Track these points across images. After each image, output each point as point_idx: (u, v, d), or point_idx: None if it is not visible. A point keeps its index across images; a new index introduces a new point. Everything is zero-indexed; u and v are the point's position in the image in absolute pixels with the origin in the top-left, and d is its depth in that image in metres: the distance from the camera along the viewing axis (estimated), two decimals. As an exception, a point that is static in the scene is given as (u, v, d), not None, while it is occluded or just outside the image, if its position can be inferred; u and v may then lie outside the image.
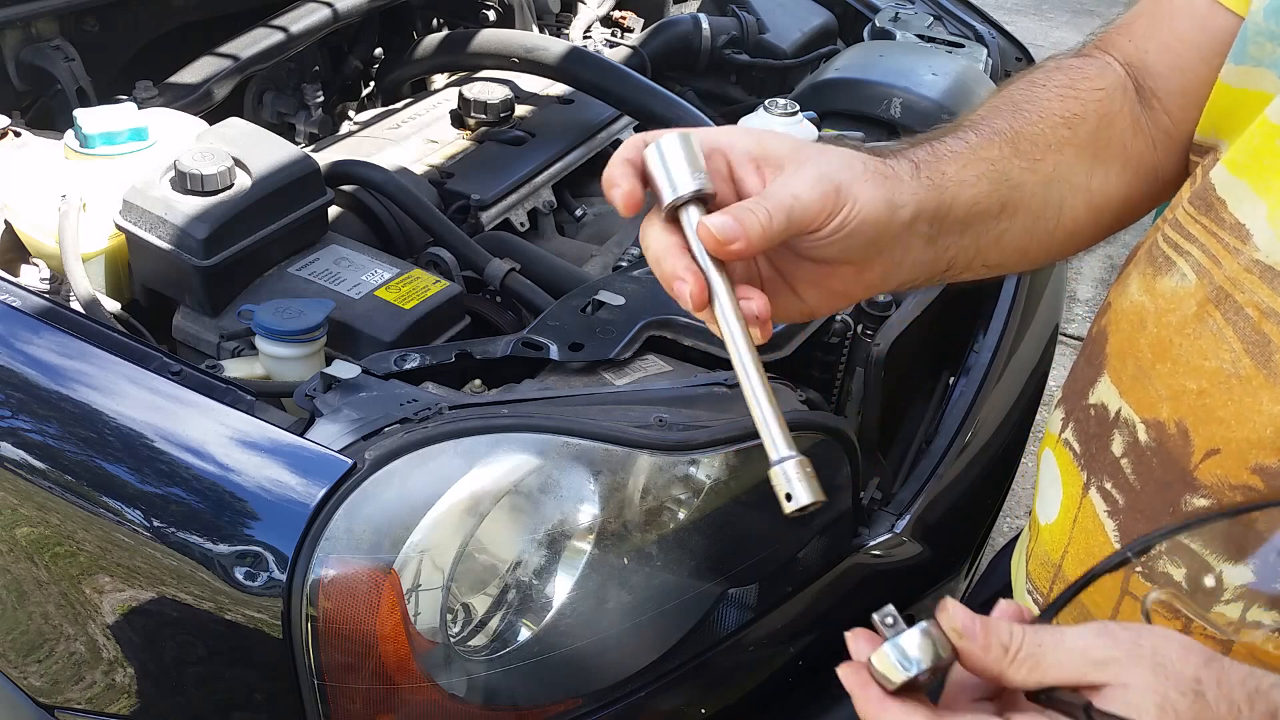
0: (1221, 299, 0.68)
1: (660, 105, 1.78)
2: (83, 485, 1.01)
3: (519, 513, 1.01)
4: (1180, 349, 0.70)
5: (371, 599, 0.93)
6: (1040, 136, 0.78)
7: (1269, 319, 0.65)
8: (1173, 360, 0.71)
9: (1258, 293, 0.66)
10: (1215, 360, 0.68)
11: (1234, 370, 0.67)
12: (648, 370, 1.16)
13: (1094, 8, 6.13)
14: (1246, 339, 0.66)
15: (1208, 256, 0.70)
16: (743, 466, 1.08)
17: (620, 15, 2.41)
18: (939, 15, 2.12)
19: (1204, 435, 0.69)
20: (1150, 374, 0.72)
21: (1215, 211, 0.70)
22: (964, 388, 1.52)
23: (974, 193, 0.74)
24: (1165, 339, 0.71)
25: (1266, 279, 0.65)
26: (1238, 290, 0.67)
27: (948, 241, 0.74)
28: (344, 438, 0.97)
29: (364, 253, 1.41)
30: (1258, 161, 0.68)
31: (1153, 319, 0.73)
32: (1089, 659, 0.53)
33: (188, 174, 1.30)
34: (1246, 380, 0.66)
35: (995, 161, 0.75)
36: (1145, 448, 0.72)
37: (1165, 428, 0.71)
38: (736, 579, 1.14)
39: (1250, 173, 0.68)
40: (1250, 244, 0.67)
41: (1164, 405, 0.71)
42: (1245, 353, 0.66)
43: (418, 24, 2.26)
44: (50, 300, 1.13)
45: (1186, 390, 0.69)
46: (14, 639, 1.13)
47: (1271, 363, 0.65)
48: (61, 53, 1.65)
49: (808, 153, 0.68)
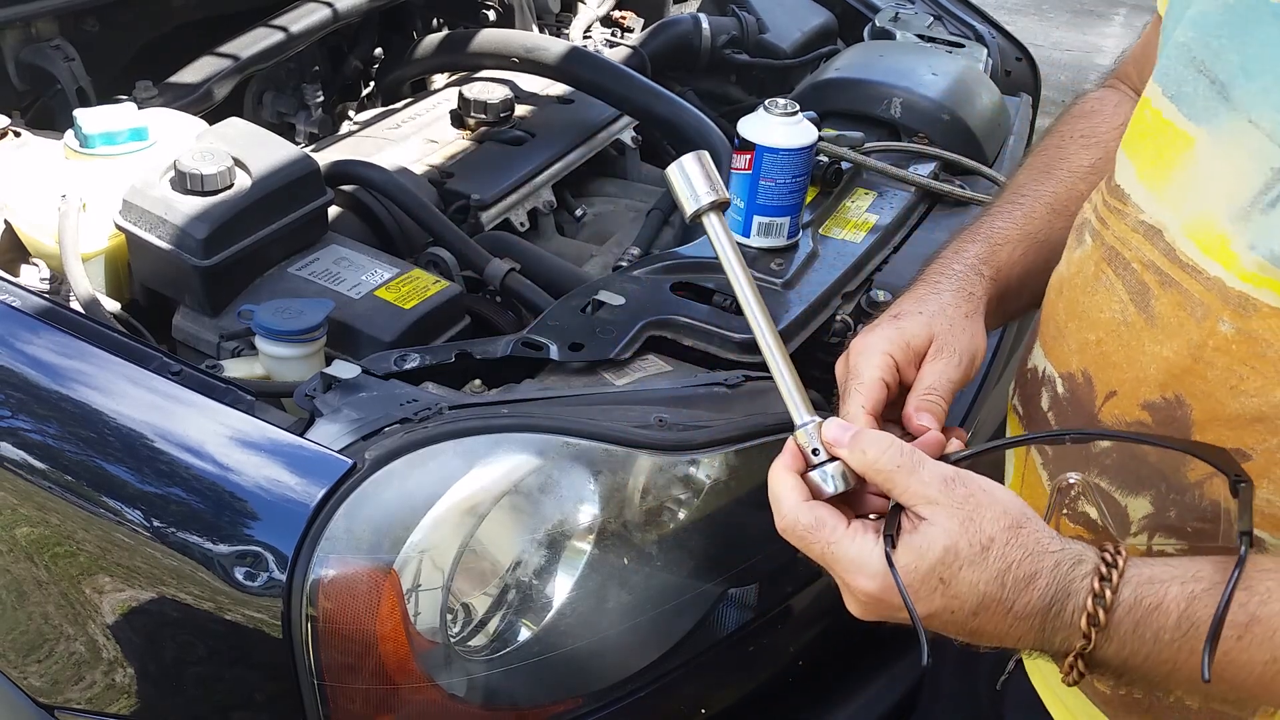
0: (1112, 257, 0.78)
1: (660, 105, 1.78)
2: (83, 485, 1.01)
3: (519, 513, 1.01)
4: (1084, 306, 0.80)
5: (371, 599, 0.93)
6: (1071, 191, 0.93)
7: (1148, 270, 0.74)
8: (1079, 317, 0.80)
9: (1140, 248, 0.75)
10: (1109, 312, 0.77)
11: (1124, 319, 0.76)
12: (648, 370, 1.16)
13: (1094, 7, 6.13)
14: (1132, 290, 0.75)
15: (1099, 220, 0.81)
16: (743, 466, 1.08)
17: (620, 15, 2.41)
18: (939, 15, 2.12)
19: (1103, 380, 0.78)
20: (1064, 332, 0.82)
21: (1110, 179, 0.81)
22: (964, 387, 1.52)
23: (1025, 266, 0.91)
24: (1074, 299, 0.82)
25: (1146, 234, 0.74)
26: (1125, 247, 0.76)
27: (1008, 304, 0.92)
28: (344, 438, 0.97)
29: (364, 253, 1.41)
30: (1135, 132, 0.78)
31: (1066, 284, 0.84)
32: (923, 495, 0.68)
33: (188, 174, 1.30)
34: (1133, 326, 0.75)
35: (1038, 234, 0.92)
36: (1063, 399, 0.82)
37: (1075, 378, 0.80)
38: (736, 579, 1.14)
39: (1129, 142, 0.79)
40: (1130, 204, 0.76)
41: (1074, 358, 0.81)
42: (1131, 302, 0.75)
43: (418, 24, 2.26)
44: (50, 300, 1.13)
45: (1089, 342, 0.79)
46: (14, 639, 1.13)
47: (1150, 309, 0.74)
48: (61, 53, 1.65)
49: (937, 328, 0.84)
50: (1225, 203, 0.69)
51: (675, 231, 1.67)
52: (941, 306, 0.86)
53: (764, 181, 1.32)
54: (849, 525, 0.70)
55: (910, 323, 0.85)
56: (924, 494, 0.68)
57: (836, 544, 0.69)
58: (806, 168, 1.34)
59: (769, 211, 1.33)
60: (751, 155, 1.31)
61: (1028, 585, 0.66)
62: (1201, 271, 0.70)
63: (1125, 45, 2.98)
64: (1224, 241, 0.69)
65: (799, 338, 1.26)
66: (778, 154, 1.31)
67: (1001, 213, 0.94)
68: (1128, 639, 0.66)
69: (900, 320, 0.86)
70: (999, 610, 0.66)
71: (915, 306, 0.87)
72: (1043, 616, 0.66)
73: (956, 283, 0.88)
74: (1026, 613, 0.66)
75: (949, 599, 0.66)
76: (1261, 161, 0.66)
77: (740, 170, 1.33)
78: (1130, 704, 0.83)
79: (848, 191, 1.53)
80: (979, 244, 0.91)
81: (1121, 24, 5.95)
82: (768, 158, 1.31)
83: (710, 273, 1.29)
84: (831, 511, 0.71)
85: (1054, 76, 4.73)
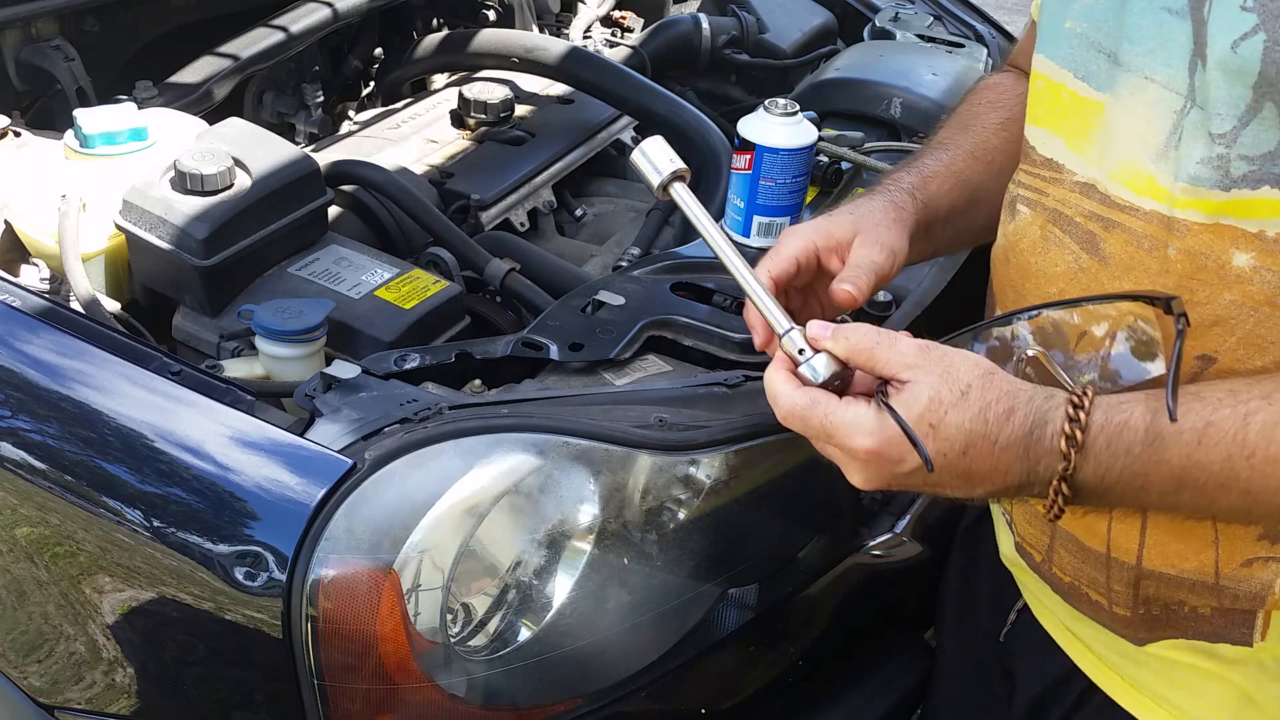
0: (1056, 218, 0.87)
1: (660, 105, 1.78)
2: (83, 485, 1.01)
3: (519, 513, 1.01)
4: (1037, 265, 0.89)
5: (371, 599, 0.93)
6: (986, 142, 1.05)
7: (1091, 220, 0.84)
8: (1034, 276, 0.89)
9: (1080, 204, 0.85)
10: (1063, 264, 0.86)
11: (1079, 266, 0.85)
12: (648, 370, 1.16)
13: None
14: (1080, 240, 0.85)
15: (1034, 192, 0.90)
16: (743, 466, 1.09)
17: (620, 15, 2.41)
18: (939, 15, 2.12)
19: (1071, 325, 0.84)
20: (1023, 293, 0.90)
21: (1029, 156, 0.91)
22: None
23: (950, 200, 1.02)
24: (1023, 263, 0.90)
25: (1085, 193, 0.84)
26: (1065, 207, 0.86)
27: (935, 234, 1.02)
28: (344, 438, 0.97)
29: (364, 253, 1.41)
30: (1048, 110, 0.88)
31: (1012, 252, 0.92)
32: (903, 362, 0.76)
33: (188, 174, 1.30)
34: (1088, 270, 0.84)
35: (961, 173, 1.03)
36: None
37: (1045, 330, 0.85)
38: (736, 579, 1.14)
39: (1045, 120, 0.89)
40: (1064, 172, 0.86)
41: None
42: (1083, 251, 0.84)
43: (418, 24, 2.26)
44: (50, 300, 1.13)
45: (1050, 294, 0.87)
46: (14, 639, 1.13)
47: (1101, 251, 0.83)
48: (61, 53, 1.65)
49: (863, 225, 0.95)
50: (1143, 148, 0.79)
51: (675, 231, 1.67)
52: (870, 210, 0.97)
53: (764, 181, 1.32)
54: (841, 399, 0.79)
55: (837, 218, 0.96)
56: (903, 361, 0.76)
57: (833, 413, 0.78)
58: (806, 168, 1.34)
59: (769, 211, 1.34)
60: (751, 155, 1.31)
61: (1007, 418, 0.74)
62: (1139, 210, 0.80)
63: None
64: (1152, 180, 0.79)
65: (799, 338, 1.26)
66: (778, 154, 1.31)
67: (929, 155, 1.05)
68: (1102, 455, 0.73)
69: (828, 216, 0.97)
70: (985, 444, 0.74)
71: (845, 208, 0.98)
72: (1024, 444, 0.74)
73: (888, 197, 0.99)
74: (1010, 441, 0.74)
75: (939, 442, 0.74)
76: (1164, 108, 0.77)
77: (740, 170, 1.33)
78: (1150, 620, 0.88)
79: (848, 191, 1.53)
80: (911, 175, 1.02)
81: (1121, 24, 5.93)
82: (768, 158, 1.31)
83: (710, 273, 1.29)
84: (824, 392, 0.80)
85: (1054, 76, 4.71)
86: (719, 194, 1.64)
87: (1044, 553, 0.96)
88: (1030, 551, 0.98)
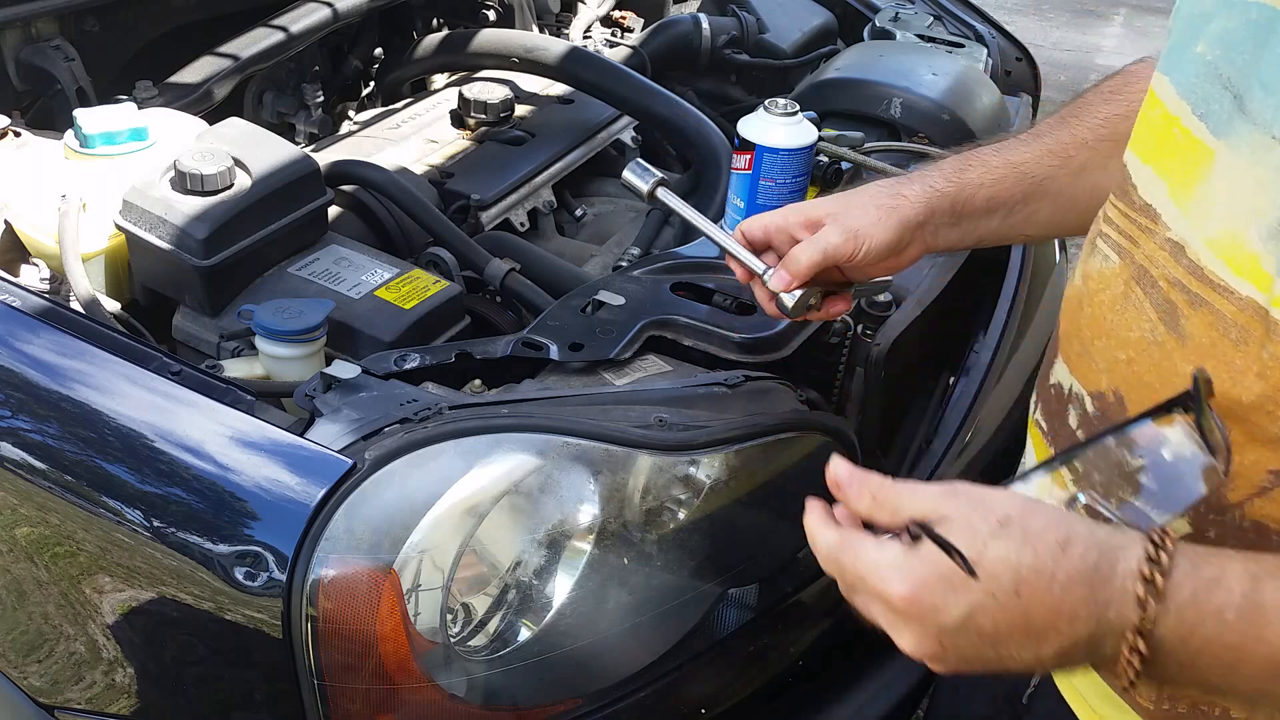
0: (1141, 275, 0.76)
1: (660, 105, 1.78)
2: (83, 485, 1.01)
3: (519, 513, 1.01)
4: (1112, 324, 0.78)
5: (371, 599, 0.93)
6: (1076, 137, 0.97)
7: (1175, 289, 0.72)
8: (1106, 335, 0.79)
9: (1167, 266, 0.73)
10: (1139, 331, 0.75)
11: (1154, 338, 0.74)
12: (648, 370, 1.16)
13: (1094, 7, 6.13)
14: (1160, 309, 0.74)
15: (1126, 238, 0.78)
16: (743, 466, 1.09)
17: (620, 15, 2.41)
18: (939, 15, 2.12)
19: (1135, 400, 0.76)
20: (1091, 350, 0.81)
21: (1129, 196, 0.79)
22: (964, 388, 1.52)
23: (992, 190, 0.97)
24: (1099, 317, 0.80)
25: (1174, 254, 0.73)
26: (1153, 266, 0.75)
27: (973, 224, 0.98)
28: (344, 438, 0.97)
29: (364, 253, 1.41)
30: (1159, 146, 0.76)
31: (1088, 300, 0.82)
32: (931, 505, 0.66)
33: (188, 174, 1.30)
34: (1163, 346, 0.73)
35: (1020, 164, 0.97)
36: (1093, 417, 0.80)
37: (1106, 397, 0.78)
38: (736, 579, 1.14)
39: (1153, 157, 0.77)
40: (1160, 223, 0.74)
41: (1103, 377, 0.79)
42: (1160, 321, 0.74)
43: (418, 24, 2.26)
44: (50, 300, 1.13)
45: (1119, 361, 0.77)
46: (14, 639, 1.13)
47: (1180, 329, 0.72)
48: (61, 53, 1.65)
49: (839, 208, 0.96)
50: (1252, 221, 0.66)
51: (675, 231, 1.67)
52: (859, 195, 0.98)
53: (764, 181, 1.32)
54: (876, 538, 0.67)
55: (823, 200, 1.00)
56: (929, 502, 0.66)
57: (864, 552, 0.66)
58: (806, 168, 1.34)
59: (769, 211, 1.34)
60: (751, 155, 1.31)
61: (1063, 549, 0.62)
62: (1233, 292, 0.68)
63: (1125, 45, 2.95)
64: (1255, 262, 0.66)
65: (799, 338, 1.26)
66: (778, 154, 1.31)
67: (995, 141, 1.01)
68: (1187, 612, 0.60)
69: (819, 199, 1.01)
70: (1040, 580, 0.61)
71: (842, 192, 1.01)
72: (1090, 581, 0.61)
73: (890, 185, 0.99)
74: (1071, 577, 0.61)
75: (985, 581, 0.62)
76: None
77: (740, 170, 1.33)
78: (1173, 718, 0.78)
79: (848, 191, 1.53)
80: (951, 162, 1.00)
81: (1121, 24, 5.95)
82: (768, 158, 1.31)
83: (710, 273, 1.29)
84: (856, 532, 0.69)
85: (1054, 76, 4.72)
86: (719, 194, 1.64)
87: None
88: None
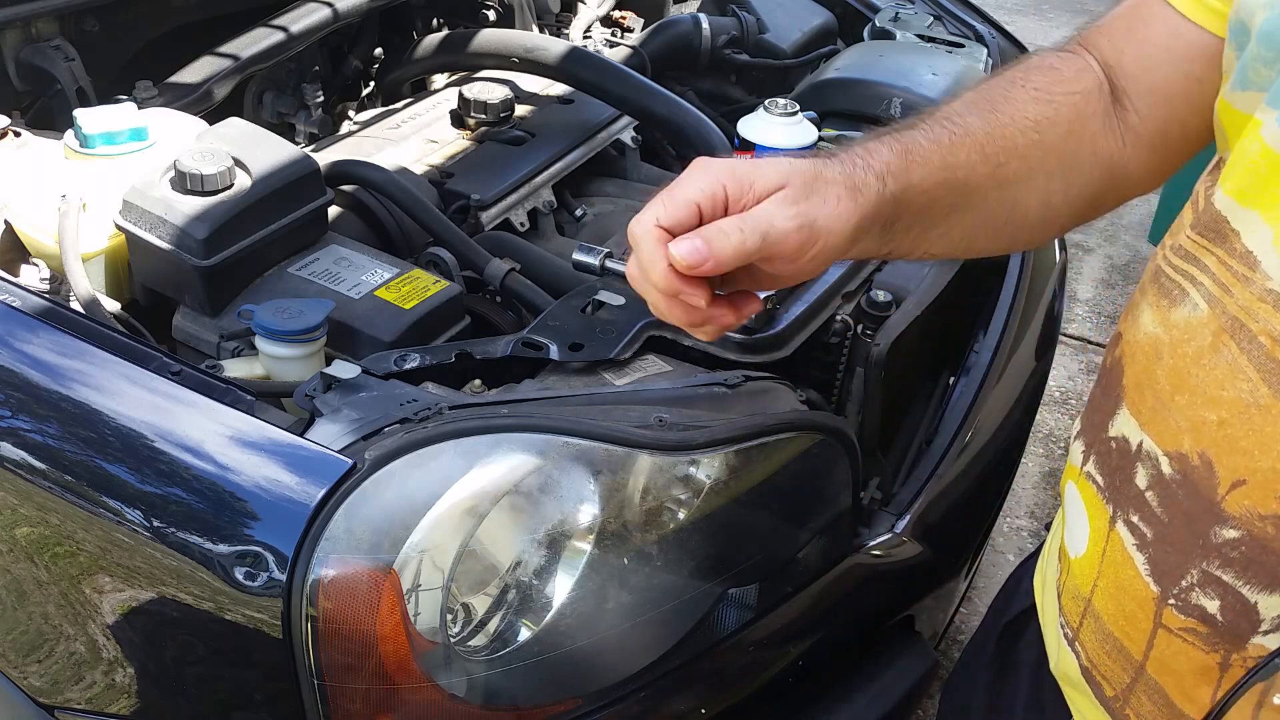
0: (1236, 328, 0.68)
1: (660, 105, 1.78)
2: (83, 485, 1.01)
3: (519, 513, 1.01)
4: (1198, 380, 0.70)
5: (371, 599, 0.93)
6: (1007, 140, 0.83)
7: None
8: (1191, 391, 0.71)
9: (1270, 321, 0.65)
10: (1233, 390, 0.68)
11: (1253, 400, 0.67)
12: (648, 370, 1.16)
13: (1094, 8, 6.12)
14: (1262, 368, 0.66)
15: (1218, 286, 0.70)
16: (743, 466, 1.08)
17: (620, 15, 2.41)
18: (939, 15, 2.12)
19: (1228, 466, 0.68)
20: (1169, 405, 0.72)
21: (1228, 241, 0.70)
22: (964, 388, 1.52)
23: (929, 198, 0.82)
24: (1182, 370, 0.71)
25: (1276, 305, 0.65)
26: (1251, 319, 0.67)
27: (895, 236, 0.82)
28: (344, 438, 0.97)
29: (364, 253, 1.41)
30: (1265, 189, 0.68)
31: (1168, 350, 0.73)
32: None
33: (188, 174, 1.30)
34: (1266, 409, 0.66)
35: (958, 169, 0.82)
36: (1170, 480, 0.72)
37: (1189, 459, 0.71)
38: (736, 579, 1.14)
39: (1259, 201, 0.68)
40: (1259, 271, 0.67)
41: (1185, 437, 0.71)
42: (1263, 381, 0.66)
43: (418, 24, 2.26)
44: (50, 300, 1.13)
45: (1207, 421, 0.69)
46: (14, 639, 1.13)
47: None
48: (61, 53, 1.65)
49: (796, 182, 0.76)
50: None
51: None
52: (817, 173, 0.77)
53: (764, 181, 1.32)
54: None
55: (770, 165, 0.77)
56: None
57: None
58: (806, 168, 1.33)
59: (769, 211, 1.33)
60: (751, 155, 1.31)
61: None
62: None
63: (1125, 45, 2.90)
64: None
65: (799, 338, 1.26)
66: (778, 154, 1.30)
67: (926, 130, 0.83)
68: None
69: (760, 160, 0.78)
70: None
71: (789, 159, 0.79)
72: None
73: (848, 172, 0.79)
74: None
75: None
76: None
77: (740, 170, 1.33)
78: None
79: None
80: (892, 154, 0.81)
81: (1121, 24, 5.94)
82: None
83: (710, 273, 1.29)
84: None
85: (1054, 76, 4.71)
86: (719, 194, 1.64)
87: (1120, 691, 0.79)
88: (1101, 683, 0.81)
